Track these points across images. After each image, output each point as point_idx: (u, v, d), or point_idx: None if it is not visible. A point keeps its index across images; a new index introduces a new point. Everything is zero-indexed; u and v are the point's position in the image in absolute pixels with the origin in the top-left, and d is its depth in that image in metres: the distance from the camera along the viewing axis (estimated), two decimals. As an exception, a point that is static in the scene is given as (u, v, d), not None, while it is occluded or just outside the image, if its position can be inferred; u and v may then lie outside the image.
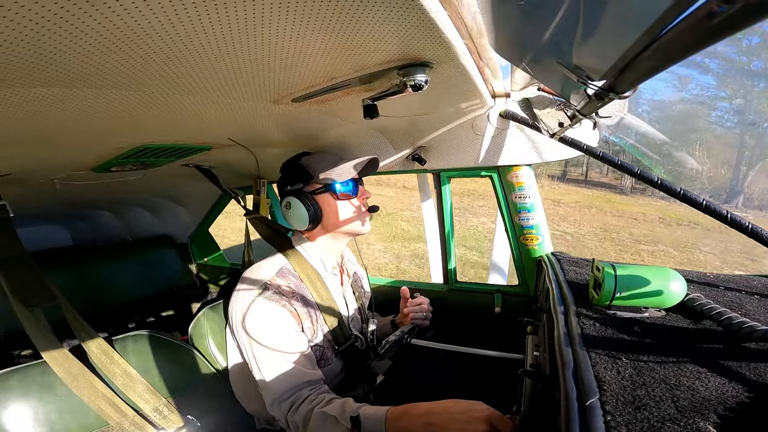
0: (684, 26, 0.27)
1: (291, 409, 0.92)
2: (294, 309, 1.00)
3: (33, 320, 0.90)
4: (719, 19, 0.23)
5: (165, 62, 0.49)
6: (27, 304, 0.90)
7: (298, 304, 1.02)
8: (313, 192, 1.08)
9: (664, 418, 0.42)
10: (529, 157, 1.31)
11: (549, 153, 1.27)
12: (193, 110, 0.73)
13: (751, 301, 0.82)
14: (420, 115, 1.11)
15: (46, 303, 0.93)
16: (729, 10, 0.22)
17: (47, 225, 2.20)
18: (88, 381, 0.90)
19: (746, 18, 0.22)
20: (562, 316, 0.71)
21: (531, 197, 1.36)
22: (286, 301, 1.00)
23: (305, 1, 0.41)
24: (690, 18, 0.26)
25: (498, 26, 0.62)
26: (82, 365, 0.91)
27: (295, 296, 1.03)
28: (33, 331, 0.89)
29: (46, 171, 1.11)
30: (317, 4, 0.42)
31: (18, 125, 0.66)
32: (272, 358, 0.96)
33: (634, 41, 0.33)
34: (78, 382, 0.89)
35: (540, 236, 1.39)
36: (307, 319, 1.03)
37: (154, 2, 0.36)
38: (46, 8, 0.33)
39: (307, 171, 1.09)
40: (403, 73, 0.65)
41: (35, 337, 0.89)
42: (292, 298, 1.02)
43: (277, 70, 0.60)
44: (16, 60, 0.41)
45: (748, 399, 0.46)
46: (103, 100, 0.60)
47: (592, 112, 0.67)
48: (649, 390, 0.47)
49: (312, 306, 1.06)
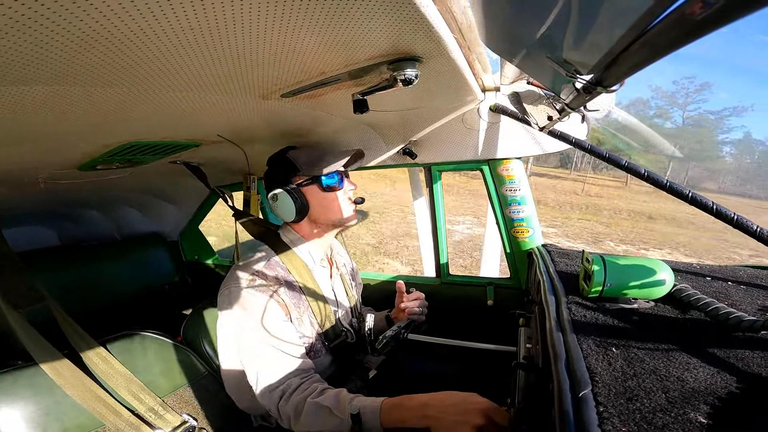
0: (670, 20, 0.27)
1: (282, 398, 0.93)
2: (282, 299, 1.01)
3: (22, 322, 0.89)
4: (705, 13, 0.23)
5: (151, 59, 0.48)
6: (15, 305, 0.89)
7: (285, 295, 1.03)
8: (300, 185, 1.09)
9: (655, 408, 0.43)
10: (518, 151, 1.31)
11: (538, 146, 1.28)
12: (181, 107, 0.72)
13: (737, 291, 0.84)
14: (410, 109, 1.11)
15: (34, 304, 0.91)
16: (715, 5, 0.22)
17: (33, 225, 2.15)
18: (80, 382, 0.89)
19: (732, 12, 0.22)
20: (554, 308, 0.72)
21: (521, 190, 1.37)
22: (273, 291, 1.01)
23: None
24: (676, 12, 0.26)
25: (488, 20, 0.62)
26: (74, 366, 0.90)
27: (283, 287, 1.04)
28: (23, 334, 0.88)
29: (30, 170, 1.09)
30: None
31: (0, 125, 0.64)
32: (260, 347, 0.96)
33: (621, 35, 0.34)
34: (71, 383, 0.88)
35: (531, 228, 1.40)
36: (294, 309, 1.04)
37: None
38: (26, 5, 0.32)
39: (293, 164, 1.10)
40: (393, 68, 0.65)
41: (26, 339, 0.87)
42: (280, 289, 1.02)
43: (265, 65, 0.59)
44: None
45: (737, 389, 0.47)
46: (88, 98, 0.59)
47: (580, 105, 0.68)
48: (640, 381, 0.48)
49: (300, 297, 1.07)
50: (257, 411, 1.11)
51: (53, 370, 0.87)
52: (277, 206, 1.09)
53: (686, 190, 0.89)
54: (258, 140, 1.25)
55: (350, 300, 1.27)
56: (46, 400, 0.87)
